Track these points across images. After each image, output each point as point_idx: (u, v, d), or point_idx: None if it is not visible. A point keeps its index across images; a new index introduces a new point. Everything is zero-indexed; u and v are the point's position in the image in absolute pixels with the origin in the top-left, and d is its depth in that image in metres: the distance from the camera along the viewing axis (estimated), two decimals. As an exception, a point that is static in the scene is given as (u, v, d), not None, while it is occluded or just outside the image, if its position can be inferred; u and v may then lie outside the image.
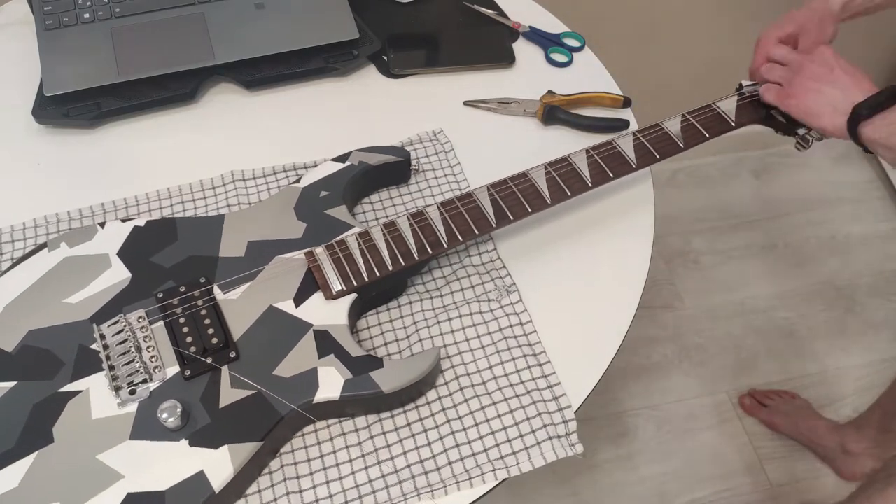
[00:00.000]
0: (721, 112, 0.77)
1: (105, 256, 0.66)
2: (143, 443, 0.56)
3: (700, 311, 1.59)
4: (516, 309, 0.68)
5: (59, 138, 0.82)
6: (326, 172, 0.73)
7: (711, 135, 0.75)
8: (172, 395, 0.57)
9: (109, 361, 0.59)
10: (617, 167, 0.73)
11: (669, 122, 0.76)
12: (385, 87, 0.89)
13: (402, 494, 0.58)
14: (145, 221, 0.69)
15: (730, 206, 1.76)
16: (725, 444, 1.41)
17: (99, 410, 0.57)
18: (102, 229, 0.68)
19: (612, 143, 0.74)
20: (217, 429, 0.57)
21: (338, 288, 0.64)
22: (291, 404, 0.58)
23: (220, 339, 0.60)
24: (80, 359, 0.60)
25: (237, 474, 0.55)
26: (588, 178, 0.72)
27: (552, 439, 0.61)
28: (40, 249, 0.67)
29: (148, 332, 0.61)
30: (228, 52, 0.86)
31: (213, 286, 0.64)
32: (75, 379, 0.59)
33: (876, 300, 1.62)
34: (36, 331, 0.62)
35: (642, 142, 0.74)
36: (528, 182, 0.71)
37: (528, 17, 0.97)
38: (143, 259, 0.66)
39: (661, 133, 0.75)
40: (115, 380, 0.59)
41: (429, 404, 0.63)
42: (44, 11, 0.86)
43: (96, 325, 0.62)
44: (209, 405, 0.58)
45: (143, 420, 0.57)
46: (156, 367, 0.59)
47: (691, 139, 0.75)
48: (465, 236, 0.67)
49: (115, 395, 0.58)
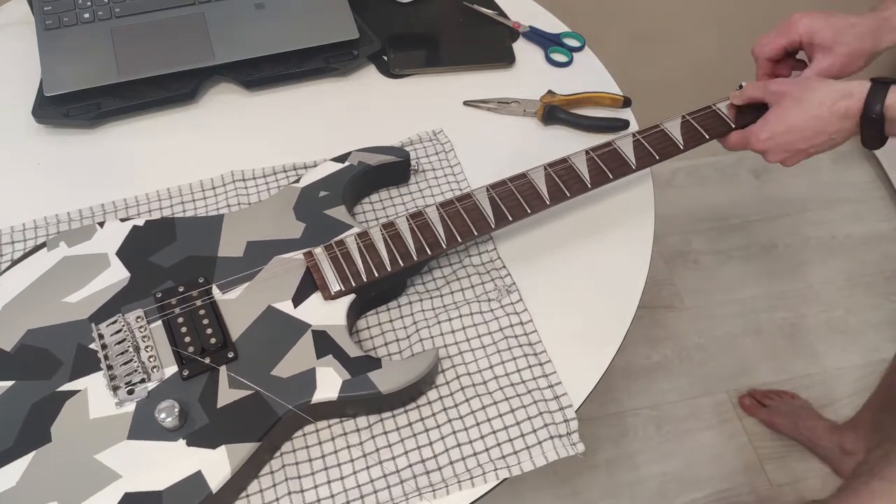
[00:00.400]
0: (721, 113, 0.77)
1: (104, 256, 0.66)
2: (140, 442, 0.56)
3: (700, 311, 1.59)
4: (516, 308, 0.68)
5: (59, 138, 0.82)
6: (326, 172, 0.73)
7: (712, 136, 0.75)
8: (170, 395, 0.57)
9: (108, 361, 0.59)
10: (616, 168, 0.72)
11: (669, 123, 0.76)
12: (385, 87, 0.89)
13: (403, 494, 0.58)
14: (144, 221, 0.69)
15: (730, 206, 1.76)
16: (725, 444, 1.41)
17: (97, 410, 0.57)
18: (101, 229, 0.68)
19: (612, 144, 0.74)
20: (215, 429, 0.57)
21: (336, 288, 0.64)
22: (289, 405, 0.58)
23: (218, 339, 0.60)
24: (78, 358, 0.60)
25: (235, 474, 0.55)
26: (587, 179, 0.71)
27: (553, 438, 0.61)
28: (39, 249, 0.67)
29: (146, 332, 0.61)
30: (228, 52, 0.86)
31: (211, 286, 0.64)
32: (73, 378, 0.59)
33: (876, 300, 1.62)
34: (34, 330, 0.62)
35: (642, 143, 0.74)
36: (527, 182, 0.71)
37: (528, 17, 0.97)
38: (141, 259, 0.66)
39: (660, 134, 0.75)
40: (113, 379, 0.59)
41: (430, 404, 0.63)
42: (44, 11, 0.86)
43: (95, 324, 0.62)
44: (207, 405, 0.58)
45: (140, 420, 0.57)
46: (154, 366, 0.59)
47: (691, 140, 0.74)
48: (463, 237, 0.67)
49: (113, 395, 0.58)
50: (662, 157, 0.74)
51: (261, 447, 0.57)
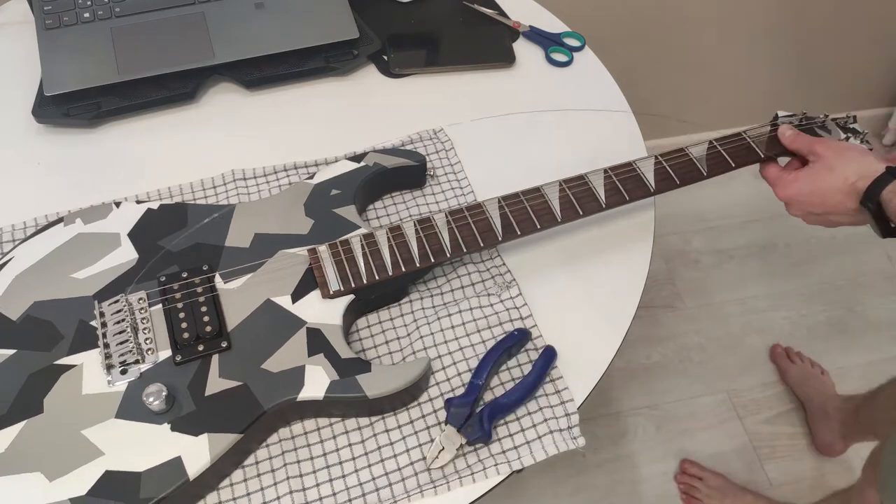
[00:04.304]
0: (751, 142, 0.74)
1: (116, 236, 0.67)
2: (127, 422, 0.56)
3: (700, 311, 1.59)
4: (516, 303, 0.68)
5: (59, 138, 0.82)
6: (340, 171, 0.73)
7: (738, 165, 0.73)
8: (161, 379, 0.58)
9: (105, 339, 0.60)
10: (633, 190, 0.70)
11: (694, 148, 0.73)
12: (385, 86, 0.89)
13: (405, 491, 0.58)
14: (158, 205, 0.70)
15: (730, 206, 1.76)
16: (725, 444, 1.41)
17: (90, 386, 0.58)
18: (117, 209, 0.69)
19: (633, 166, 0.72)
20: (200, 416, 0.57)
21: (335, 287, 0.64)
22: (275, 400, 0.58)
23: (214, 328, 0.61)
24: (79, 334, 0.61)
25: (213, 464, 0.55)
26: (602, 199, 0.70)
27: (553, 433, 0.61)
28: (56, 223, 0.68)
29: (146, 314, 0.62)
30: (228, 52, 0.86)
31: (214, 274, 0.65)
32: (72, 353, 0.60)
33: (876, 300, 1.62)
34: (41, 302, 0.62)
35: (664, 167, 0.72)
36: (540, 198, 0.69)
37: (529, 17, 0.97)
38: (151, 242, 0.67)
39: (684, 159, 0.73)
40: (108, 358, 0.59)
41: (430, 401, 0.63)
42: (44, 11, 0.86)
43: (98, 302, 0.62)
44: (195, 392, 0.58)
45: (130, 400, 0.57)
46: (149, 349, 0.60)
47: (715, 168, 0.72)
48: (469, 248, 0.67)
49: (107, 373, 0.58)
50: (683, 182, 0.71)
51: (242, 439, 0.57)
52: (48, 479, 0.54)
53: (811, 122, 0.77)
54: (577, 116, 0.86)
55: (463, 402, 0.61)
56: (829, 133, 0.75)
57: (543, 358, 0.64)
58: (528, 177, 0.72)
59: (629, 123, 0.86)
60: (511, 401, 0.61)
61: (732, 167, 0.73)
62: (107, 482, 0.54)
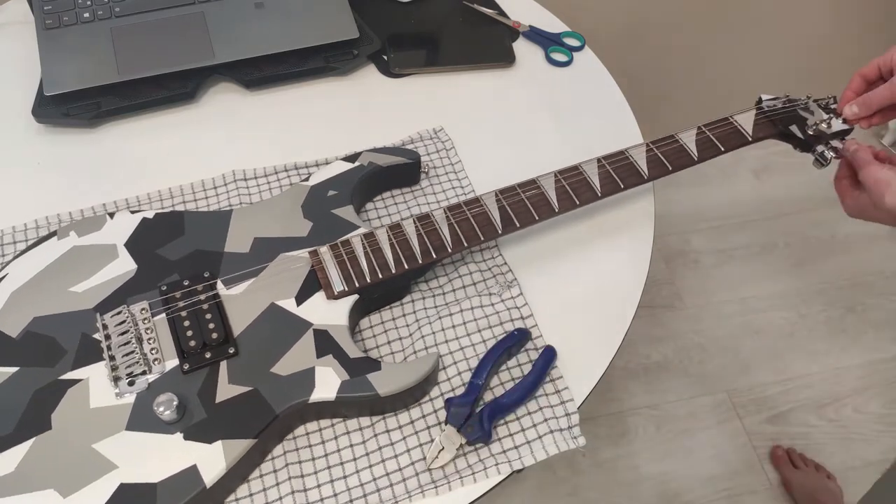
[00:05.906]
0: (738, 126, 0.76)
1: (112, 247, 0.67)
2: (138, 434, 0.56)
3: (700, 311, 1.59)
4: (517, 303, 0.68)
5: (59, 138, 0.82)
6: (335, 172, 0.73)
7: (727, 148, 0.74)
8: (170, 388, 0.57)
9: (110, 352, 0.60)
10: (628, 178, 0.71)
11: (684, 134, 0.75)
12: (385, 86, 0.89)
13: (405, 491, 0.58)
14: (154, 214, 0.69)
15: (730, 206, 1.77)
16: (725, 443, 1.41)
17: (97, 400, 0.58)
18: (111, 220, 0.69)
19: (625, 154, 0.73)
20: (212, 424, 0.57)
21: (339, 288, 0.64)
22: (287, 403, 0.58)
23: (220, 335, 0.60)
24: (82, 347, 0.60)
25: (229, 470, 0.55)
26: (598, 188, 0.71)
27: (553, 433, 0.61)
28: (49, 237, 0.67)
29: (150, 324, 0.61)
30: (228, 52, 0.86)
31: (216, 281, 0.64)
32: (76, 367, 0.59)
33: (876, 300, 1.62)
34: (41, 317, 0.62)
35: (656, 154, 0.73)
36: (537, 189, 0.70)
37: (528, 17, 0.97)
38: (149, 251, 0.66)
39: (675, 145, 0.74)
40: (115, 370, 0.59)
41: (431, 400, 0.63)
42: (44, 11, 0.86)
43: (100, 314, 0.62)
44: (206, 400, 0.58)
45: (139, 411, 0.57)
46: (155, 359, 0.60)
47: (706, 152, 0.73)
48: (470, 242, 0.67)
49: (114, 386, 0.58)
50: (676, 168, 0.73)
51: (257, 444, 0.57)
52: (62, 496, 0.53)
53: (794, 104, 0.78)
54: (577, 116, 0.87)
55: (463, 401, 0.61)
56: (811, 114, 0.76)
57: (543, 358, 0.64)
58: (528, 176, 0.72)
59: (629, 123, 0.86)
60: (511, 401, 0.61)
61: (722, 151, 0.74)
62: (122, 495, 0.53)
